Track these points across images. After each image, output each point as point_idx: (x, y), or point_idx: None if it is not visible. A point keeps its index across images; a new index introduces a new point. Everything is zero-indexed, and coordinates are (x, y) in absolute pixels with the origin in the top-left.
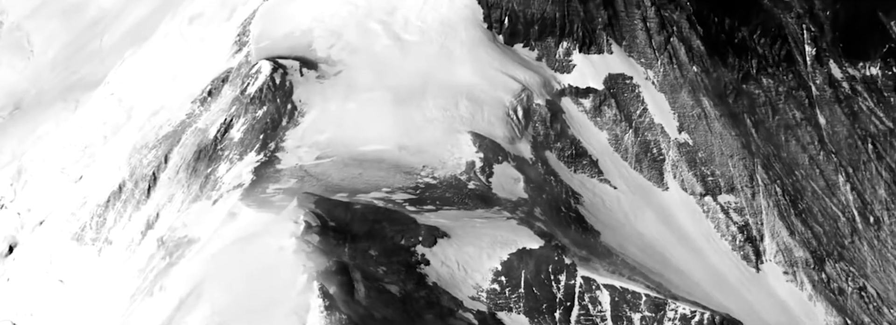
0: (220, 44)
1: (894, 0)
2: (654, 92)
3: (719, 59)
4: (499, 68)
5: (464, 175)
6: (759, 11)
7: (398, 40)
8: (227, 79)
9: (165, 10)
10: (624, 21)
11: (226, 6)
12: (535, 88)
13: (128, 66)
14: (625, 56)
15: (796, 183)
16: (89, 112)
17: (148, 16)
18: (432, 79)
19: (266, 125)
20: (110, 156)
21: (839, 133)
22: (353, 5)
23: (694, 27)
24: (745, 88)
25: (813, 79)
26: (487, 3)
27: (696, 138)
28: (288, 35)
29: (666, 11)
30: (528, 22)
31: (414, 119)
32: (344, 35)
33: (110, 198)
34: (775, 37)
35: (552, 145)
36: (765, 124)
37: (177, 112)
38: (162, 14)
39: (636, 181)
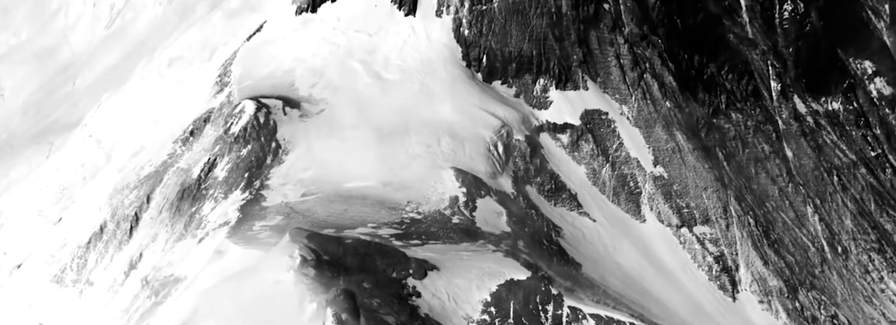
0: (200, 85)
1: (852, 38)
2: (630, 127)
3: (690, 94)
4: (479, 105)
5: (448, 210)
6: (725, 48)
7: (379, 79)
8: (208, 119)
9: (140, 53)
10: (598, 58)
11: (206, 48)
12: (515, 124)
13: (106, 108)
14: (600, 92)
15: (768, 214)
16: (66, 154)
17: (122, 59)
18: (414, 116)
19: (251, 164)
20: (90, 197)
21: (806, 166)
22: (334, 45)
23: (665, 64)
24: (715, 122)
25: (779, 113)
26: (466, 42)
27: (671, 171)
28: (270, 75)
29: (638, 48)
30: (505, 60)
31: (397, 156)
32: (326, 74)
33: (91, 239)
34: (742, 73)
35: (532, 180)
36: (736, 157)
37: (158, 153)
38: (137, 57)
39: (614, 214)
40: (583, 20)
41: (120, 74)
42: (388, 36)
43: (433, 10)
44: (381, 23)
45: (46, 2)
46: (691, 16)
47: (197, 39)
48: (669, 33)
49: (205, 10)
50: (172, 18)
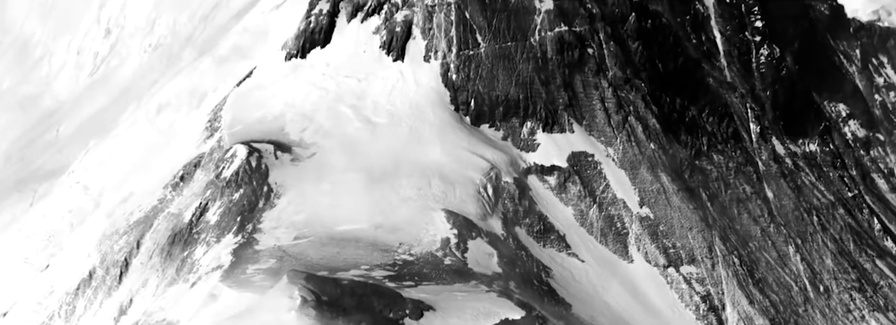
0: (190, 130)
1: (826, 81)
2: (615, 168)
3: (673, 136)
4: (467, 148)
5: (440, 251)
6: (706, 91)
7: (369, 123)
8: (199, 164)
9: (126, 100)
10: (583, 101)
11: (195, 94)
12: (503, 166)
13: (93, 154)
14: (586, 135)
15: (751, 254)
16: (52, 201)
17: (106, 106)
18: (404, 159)
19: (243, 207)
20: (78, 244)
21: (786, 206)
22: (324, 90)
23: (649, 106)
24: (698, 164)
25: (759, 155)
26: (454, 87)
27: (657, 212)
28: (260, 120)
29: (622, 92)
30: (493, 103)
31: (388, 198)
32: (316, 119)
33: (80, 285)
34: (722, 115)
35: (521, 221)
36: (719, 198)
37: (147, 198)
38: (122, 104)
39: (602, 254)
40: (568, 65)
41: (105, 121)
42: (377, 81)
43: (421, 55)
44: (369, 68)
45: (29, 50)
46: (672, 60)
47: (186, 86)
48: (652, 77)
49: (192, 56)
50: (158, 65)
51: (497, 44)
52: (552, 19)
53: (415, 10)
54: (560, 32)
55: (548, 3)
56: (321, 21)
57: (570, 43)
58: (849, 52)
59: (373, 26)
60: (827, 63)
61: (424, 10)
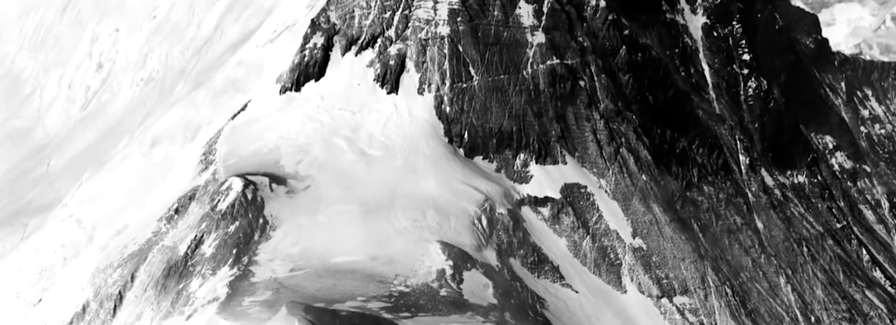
0: (184, 163)
1: (813, 113)
2: (608, 200)
3: (665, 168)
4: (462, 180)
5: (435, 283)
6: (695, 123)
7: (364, 155)
8: (194, 196)
9: (118, 134)
10: (576, 133)
11: (189, 127)
12: (497, 198)
13: (86, 188)
14: (579, 166)
15: (743, 284)
16: (44, 235)
17: (98, 140)
18: (399, 191)
19: (238, 240)
20: (71, 277)
21: (776, 237)
22: (318, 123)
23: (640, 138)
24: (689, 195)
25: (748, 186)
26: (447, 119)
27: (650, 243)
28: (255, 152)
29: (614, 124)
30: (486, 136)
31: (384, 230)
32: (311, 151)
33: (73, 319)
34: (712, 147)
35: (516, 252)
36: (710, 229)
37: (142, 231)
38: (114, 138)
39: (596, 285)
40: (560, 97)
41: (96, 155)
42: (371, 113)
43: (415, 88)
44: (364, 101)
45: (20, 84)
46: (662, 92)
47: (180, 119)
48: (643, 109)
49: (185, 90)
50: (150, 99)
51: (490, 77)
52: (544, 52)
53: (408, 43)
54: (552, 65)
55: (539, 37)
56: (315, 54)
57: (562, 75)
58: (834, 85)
59: (367, 60)
60: (813, 96)
61: (418, 43)
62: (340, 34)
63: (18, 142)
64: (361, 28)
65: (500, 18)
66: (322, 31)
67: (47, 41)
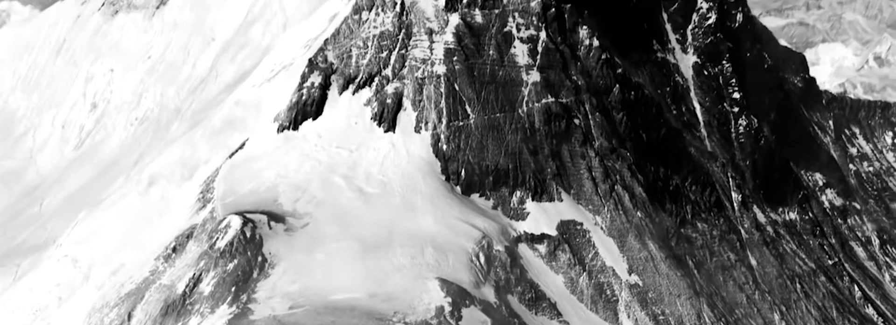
0: (182, 202)
1: (803, 151)
2: (604, 236)
3: (659, 205)
4: (459, 217)
5: (434, 320)
6: (688, 161)
7: (362, 193)
8: (191, 235)
9: (112, 173)
10: (571, 171)
11: (186, 166)
12: (494, 235)
13: (82, 227)
14: (574, 203)
15: (739, 321)
16: (39, 275)
17: (91, 180)
18: (397, 228)
19: (237, 278)
20: (67, 317)
21: (770, 274)
22: (316, 161)
23: (635, 175)
24: (683, 232)
25: (741, 223)
26: (444, 157)
27: (646, 280)
28: (254, 191)
29: (608, 161)
30: (482, 173)
31: (382, 267)
32: (309, 189)
33: None
34: (704, 184)
35: (513, 289)
36: (705, 266)
37: (139, 270)
38: (108, 177)
39: (593, 322)
40: (555, 135)
41: (90, 195)
42: (368, 151)
43: (412, 126)
44: (361, 139)
45: (13, 125)
46: (655, 130)
47: (177, 157)
48: (636, 147)
49: (181, 129)
50: (144, 138)
51: (486, 115)
52: (539, 91)
53: (405, 82)
54: (547, 103)
55: (534, 76)
56: (313, 93)
57: (556, 114)
58: (823, 123)
59: (364, 98)
60: (803, 133)
61: (415, 82)
62: (338, 73)
63: (11, 182)
64: (359, 67)
65: (495, 58)
66: (320, 71)
67: (41, 81)
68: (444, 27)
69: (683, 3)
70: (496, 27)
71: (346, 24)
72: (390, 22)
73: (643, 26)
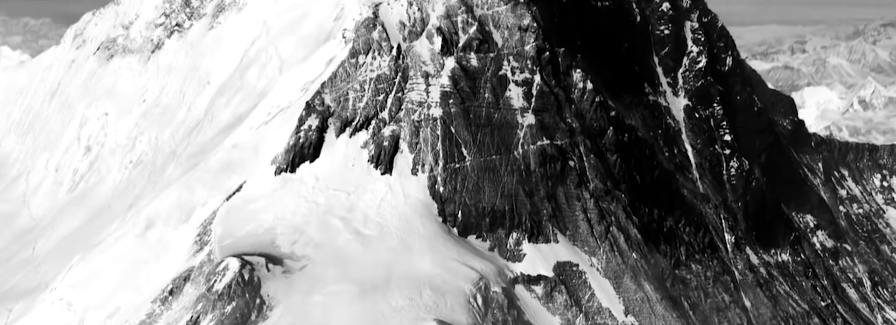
0: (178, 244)
1: (793, 193)
2: (600, 278)
3: (654, 246)
4: (456, 259)
5: None
6: (681, 202)
7: (359, 235)
8: (188, 278)
9: (106, 216)
10: (567, 212)
11: (183, 209)
12: (491, 276)
13: (77, 271)
14: (570, 245)
15: None
16: (33, 320)
17: (85, 223)
18: (395, 270)
19: (235, 320)
20: None
21: (764, 315)
22: (314, 203)
23: (629, 217)
24: (678, 273)
25: (735, 264)
26: (441, 199)
27: (642, 321)
28: (251, 233)
29: (603, 203)
30: (479, 215)
31: (381, 309)
32: (306, 231)
33: None
34: (698, 225)
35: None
36: (700, 307)
37: (135, 313)
38: (102, 221)
39: None
40: (551, 177)
41: (84, 238)
42: (366, 194)
43: (409, 168)
44: (358, 181)
45: (6, 168)
46: (648, 172)
47: (174, 200)
48: (631, 188)
49: (176, 172)
50: (139, 181)
51: (482, 157)
52: (534, 133)
53: (402, 125)
54: (542, 146)
55: (529, 118)
56: (310, 136)
57: (552, 156)
58: (812, 166)
59: (361, 141)
60: (793, 175)
61: (411, 125)
62: (335, 116)
63: (3, 226)
64: (356, 110)
65: (490, 100)
66: (317, 114)
67: (35, 125)
68: (440, 70)
69: (674, 46)
70: (491, 70)
71: (343, 68)
72: (387, 65)
73: (635, 70)
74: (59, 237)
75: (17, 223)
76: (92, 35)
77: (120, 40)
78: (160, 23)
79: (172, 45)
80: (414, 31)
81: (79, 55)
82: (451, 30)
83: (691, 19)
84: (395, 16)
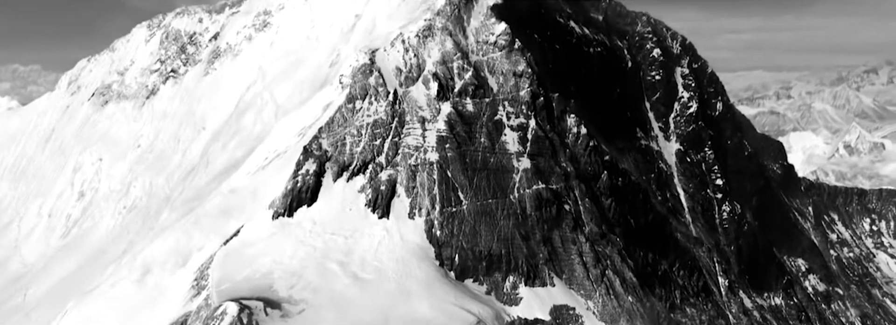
0: (176, 289)
1: (785, 237)
2: (596, 321)
3: (649, 289)
4: (454, 302)
5: None
6: (675, 246)
7: (357, 279)
8: (186, 322)
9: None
10: (563, 256)
11: (180, 253)
12: (489, 320)
13: (71, 317)
14: (566, 288)
15: None
16: None
17: (78, 269)
18: (393, 314)
19: None
20: None
21: None
22: (311, 247)
23: (625, 261)
24: (674, 316)
25: (729, 308)
26: (438, 243)
27: None
28: (249, 277)
29: (599, 246)
30: (476, 259)
31: None
32: (304, 275)
33: None
34: (692, 269)
35: None
36: None
37: None
38: (96, 266)
39: None
40: (546, 220)
41: (76, 284)
42: (363, 238)
43: (406, 212)
44: (356, 225)
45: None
46: (643, 216)
47: (171, 245)
48: (626, 232)
49: (172, 218)
50: (133, 226)
51: (478, 201)
52: (530, 177)
53: (398, 169)
54: (538, 190)
55: (525, 162)
56: (308, 180)
57: (547, 200)
58: (802, 209)
59: (358, 185)
60: (784, 219)
61: (408, 169)
62: (332, 161)
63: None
64: (353, 155)
65: (486, 145)
66: (314, 158)
67: (28, 171)
68: (436, 115)
69: (665, 92)
70: (487, 115)
71: (340, 113)
72: (384, 110)
73: (627, 114)
74: (51, 283)
75: (9, 270)
76: (87, 81)
77: (115, 86)
78: (155, 69)
79: (168, 90)
80: (410, 77)
81: (73, 101)
82: (447, 75)
83: (682, 65)
84: (391, 62)
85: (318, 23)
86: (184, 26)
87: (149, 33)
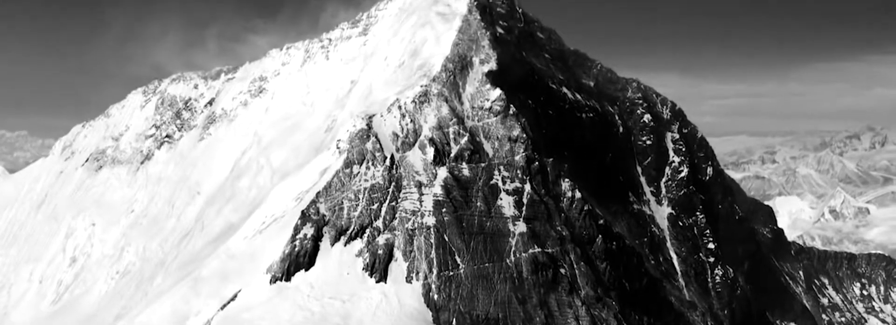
0: None
1: (777, 301)
2: None
3: None
4: None
5: None
6: (669, 309)
7: None
8: None
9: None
10: (559, 319)
11: (176, 319)
12: None
13: None
14: None
15: None
16: None
17: None
18: None
19: None
20: None
21: None
22: (309, 311)
23: (621, 324)
24: None
25: None
26: (435, 306)
27: None
28: None
29: (595, 310)
30: (474, 322)
31: None
32: None
33: None
34: None
35: None
36: None
37: None
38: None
39: None
40: (542, 284)
41: None
42: (361, 302)
43: (403, 276)
44: (353, 289)
45: None
46: (637, 280)
47: (168, 309)
48: (621, 296)
49: (167, 283)
50: (126, 291)
51: (475, 265)
52: (526, 241)
53: (396, 233)
54: (534, 253)
55: (521, 226)
56: (306, 245)
57: (543, 263)
58: (793, 274)
59: (356, 249)
60: (776, 283)
61: (405, 233)
62: (330, 225)
63: None
64: (350, 219)
65: (483, 209)
66: (312, 222)
67: (20, 236)
68: (432, 180)
69: (656, 156)
70: (483, 180)
71: (337, 178)
72: (381, 175)
73: (619, 179)
74: None
75: None
76: (81, 146)
77: (109, 151)
78: (150, 134)
79: (162, 155)
80: (407, 142)
81: (67, 166)
82: (444, 140)
83: (672, 130)
84: (388, 127)
85: (314, 88)
86: (179, 92)
87: (144, 99)
